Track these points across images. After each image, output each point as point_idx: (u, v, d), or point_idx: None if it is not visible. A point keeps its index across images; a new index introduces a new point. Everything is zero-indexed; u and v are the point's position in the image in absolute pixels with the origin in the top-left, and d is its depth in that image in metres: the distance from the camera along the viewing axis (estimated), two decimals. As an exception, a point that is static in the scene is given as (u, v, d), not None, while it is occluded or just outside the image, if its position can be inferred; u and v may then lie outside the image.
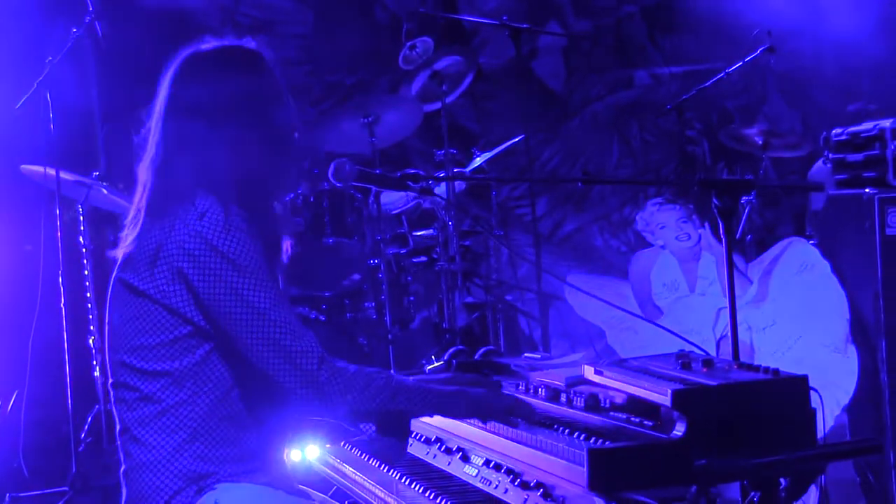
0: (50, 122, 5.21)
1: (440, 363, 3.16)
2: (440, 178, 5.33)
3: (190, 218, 2.51)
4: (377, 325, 5.99)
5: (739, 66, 5.83)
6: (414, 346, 6.30)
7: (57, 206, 5.30)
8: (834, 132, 4.46)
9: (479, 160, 6.24)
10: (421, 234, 6.25)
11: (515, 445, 2.55)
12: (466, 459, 2.74)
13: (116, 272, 2.64)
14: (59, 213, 5.32)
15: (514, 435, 2.58)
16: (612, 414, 2.50)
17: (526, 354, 3.33)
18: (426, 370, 3.15)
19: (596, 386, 2.58)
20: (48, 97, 5.21)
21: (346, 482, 3.05)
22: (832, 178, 4.48)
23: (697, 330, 4.68)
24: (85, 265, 5.61)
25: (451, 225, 5.94)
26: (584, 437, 2.42)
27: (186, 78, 2.63)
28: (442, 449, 2.86)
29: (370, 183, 3.22)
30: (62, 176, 5.21)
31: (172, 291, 2.51)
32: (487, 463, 2.61)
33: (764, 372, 2.39)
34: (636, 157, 7.76)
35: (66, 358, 5.29)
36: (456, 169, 6.09)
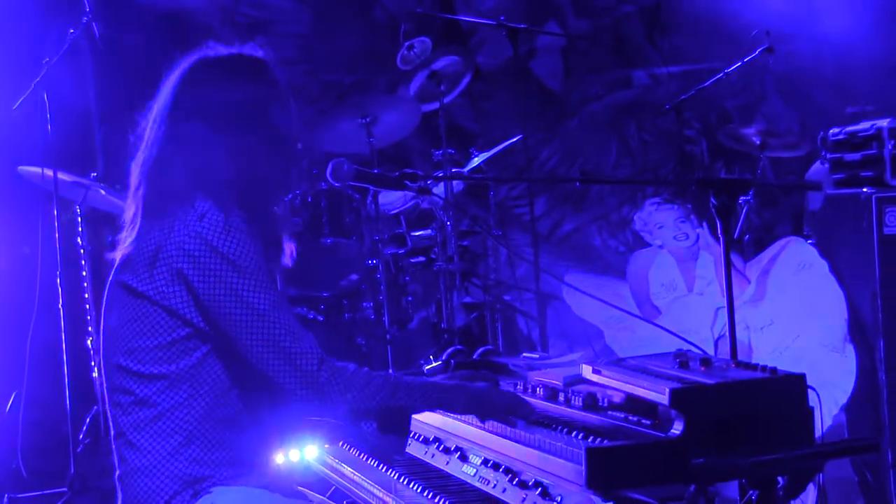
0: (47, 122, 5.20)
1: (438, 363, 3.16)
2: (438, 177, 5.33)
3: (190, 219, 2.51)
4: (375, 325, 5.99)
5: (738, 66, 5.82)
6: (412, 346, 6.29)
7: (55, 207, 5.30)
8: (831, 132, 4.46)
9: (477, 160, 6.24)
10: (419, 234, 6.25)
11: (513, 445, 2.55)
12: (465, 459, 2.74)
13: (114, 274, 2.63)
14: (56, 213, 5.31)
15: (512, 434, 2.59)
16: (610, 413, 2.50)
17: (524, 354, 3.33)
18: (424, 370, 3.15)
19: (594, 385, 2.58)
20: (45, 98, 5.20)
21: (344, 482, 3.06)
22: (830, 177, 4.48)
23: (695, 329, 4.67)
24: (83, 266, 5.60)
25: (449, 225, 5.94)
26: (582, 436, 2.43)
27: (192, 83, 2.63)
28: (440, 448, 2.86)
29: (368, 182, 3.22)
30: (60, 177, 5.21)
31: (172, 293, 2.50)
32: (486, 462, 2.62)
33: (762, 371, 2.39)
34: (634, 156, 7.76)
35: (64, 359, 5.29)
36: (454, 169, 6.09)
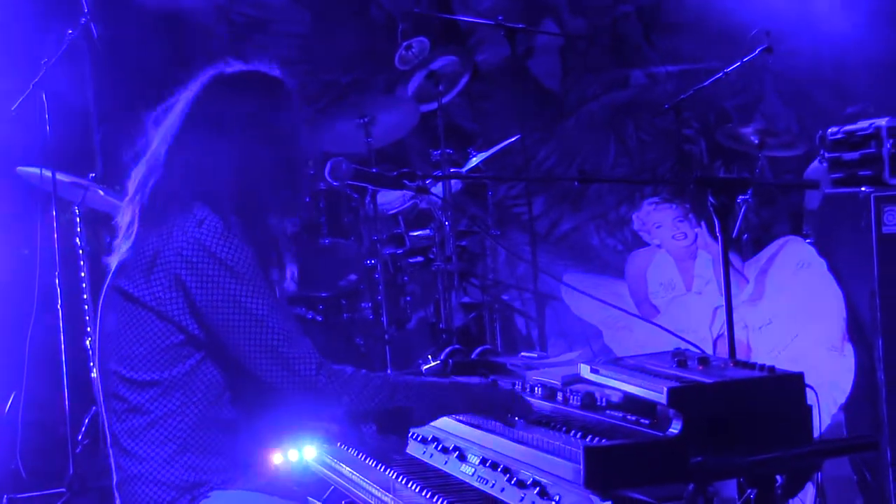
0: (46, 123, 5.20)
1: (436, 363, 3.16)
2: (436, 176, 5.33)
3: (188, 225, 2.51)
4: (374, 325, 5.99)
5: (738, 66, 5.82)
6: (411, 346, 6.29)
7: (53, 207, 5.29)
8: (830, 131, 4.46)
9: (475, 160, 6.24)
10: (417, 234, 6.25)
11: (512, 444, 2.55)
12: (463, 458, 2.74)
13: (110, 279, 2.62)
14: (55, 214, 5.31)
15: (510, 433, 2.59)
16: (608, 412, 2.50)
17: (522, 353, 3.33)
18: (422, 370, 3.15)
19: (592, 384, 2.58)
20: (44, 99, 5.20)
21: (343, 482, 3.05)
22: (828, 176, 4.48)
23: (694, 329, 4.67)
24: (81, 266, 5.60)
25: (447, 225, 5.94)
26: (580, 435, 2.43)
27: (208, 98, 2.64)
28: (439, 448, 2.86)
29: (366, 182, 3.22)
30: (58, 177, 5.21)
31: (169, 298, 2.50)
32: (484, 462, 2.61)
33: (760, 369, 2.39)
34: (632, 156, 7.76)
35: (63, 359, 5.29)
36: (452, 169, 6.09)
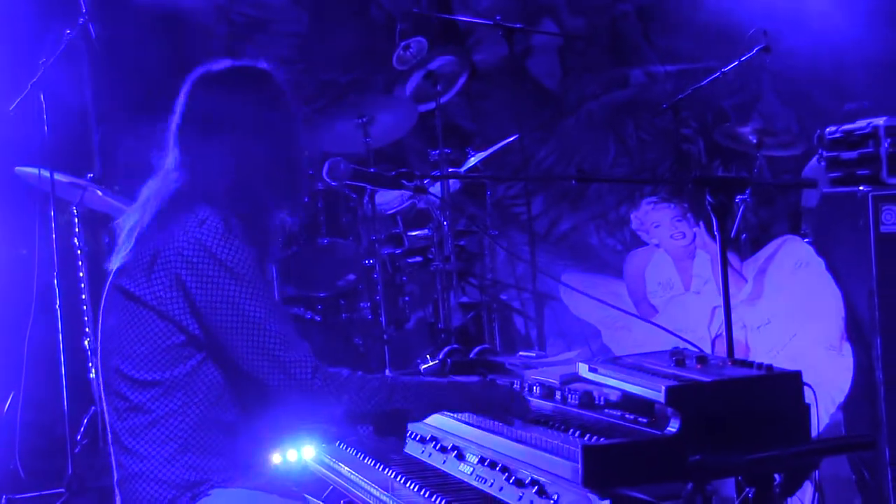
0: (44, 123, 5.20)
1: (434, 362, 3.16)
2: (434, 176, 5.33)
3: (190, 225, 2.51)
4: (372, 325, 5.99)
5: (735, 65, 5.82)
6: (409, 346, 6.29)
7: (51, 207, 5.29)
8: (828, 130, 4.47)
9: (473, 160, 6.24)
10: (416, 234, 6.25)
11: (510, 443, 2.55)
12: (461, 458, 2.74)
13: (112, 279, 2.63)
14: (53, 214, 5.31)
15: (508, 432, 2.59)
16: (606, 411, 2.51)
17: (521, 353, 3.33)
18: (420, 369, 3.15)
19: (590, 383, 2.58)
20: (42, 99, 5.21)
21: (342, 481, 3.06)
22: (826, 175, 4.49)
23: (692, 328, 4.66)
24: (80, 267, 5.60)
25: (445, 225, 5.94)
26: (578, 433, 2.43)
27: (197, 94, 2.66)
28: (437, 447, 2.86)
29: (364, 181, 3.22)
30: (56, 178, 5.21)
31: (169, 298, 2.51)
32: (482, 461, 2.61)
33: (758, 368, 2.40)
34: (632, 155, 7.75)
35: (61, 359, 5.29)
36: (451, 168, 6.09)
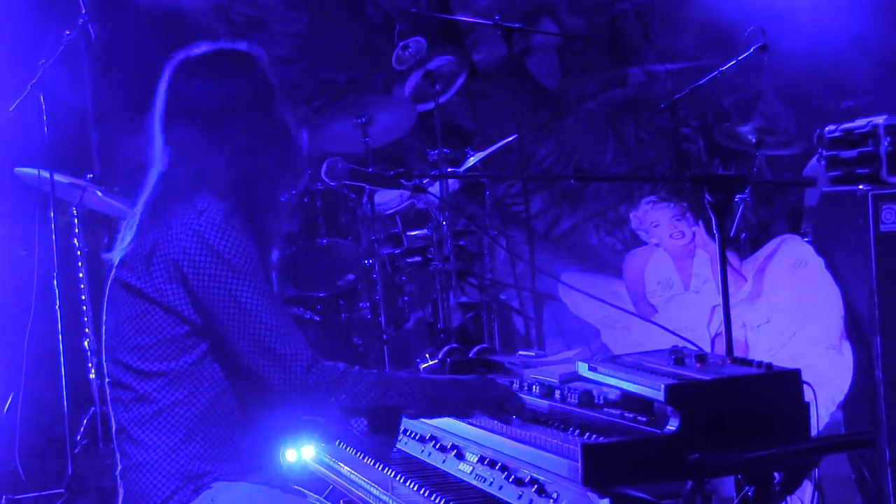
0: (44, 124, 5.20)
1: (434, 362, 3.16)
2: (433, 175, 5.33)
3: (188, 217, 2.52)
4: (372, 325, 5.99)
5: (733, 64, 5.83)
6: (409, 346, 6.28)
7: (51, 208, 5.29)
8: (827, 129, 4.47)
9: (472, 160, 6.23)
10: (415, 234, 6.24)
11: (510, 442, 2.55)
12: (461, 457, 2.74)
13: (114, 273, 2.64)
14: (53, 215, 5.31)
15: (508, 431, 2.59)
16: (605, 410, 2.51)
17: (520, 352, 3.33)
18: (420, 368, 3.15)
19: (590, 382, 2.58)
20: (42, 99, 5.20)
21: (341, 481, 3.05)
22: (826, 174, 4.49)
23: (692, 328, 4.66)
24: (80, 267, 5.60)
25: (445, 225, 5.93)
26: (578, 432, 2.43)
27: (179, 83, 2.65)
28: (436, 447, 2.86)
29: (363, 181, 3.22)
30: (56, 178, 5.21)
31: (170, 290, 2.51)
32: (482, 460, 2.62)
33: (757, 367, 2.40)
34: (631, 154, 7.75)
35: (61, 360, 5.29)
36: (450, 168, 6.09)
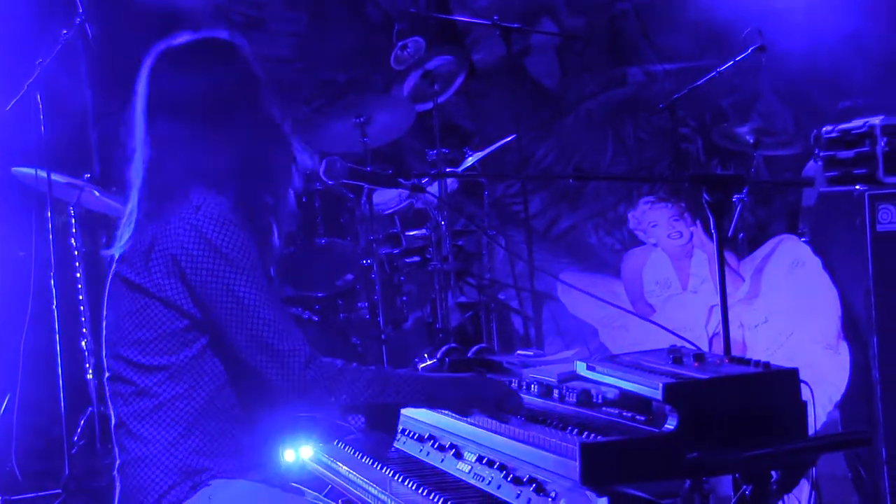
0: (41, 123, 5.20)
1: (433, 361, 3.16)
2: (432, 174, 5.32)
3: (186, 212, 2.52)
4: (370, 325, 5.99)
5: (731, 65, 5.83)
6: (407, 345, 6.29)
7: (48, 208, 5.29)
8: (825, 129, 4.47)
9: (471, 160, 6.23)
10: (414, 233, 6.24)
11: (508, 441, 2.55)
12: (459, 456, 2.74)
13: (114, 268, 2.64)
14: (50, 215, 5.30)
15: (506, 431, 2.59)
16: (604, 409, 2.51)
17: (519, 352, 3.33)
18: (418, 368, 3.15)
19: (588, 382, 2.58)
20: (39, 99, 5.20)
21: (340, 480, 3.05)
22: (823, 174, 4.49)
23: (690, 328, 4.66)
24: (77, 267, 5.60)
25: (443, 225, 5.93)
26: (576, 431, 2.44)
27: (161, 74, 2.62)
28: (435, 446, 2.86)
29: (361, 181, 3.22)
30: (53, 178, 5.21)
31: (168, 285, 2.51)
32: (480, 459, 2.62)
33: (755, 366, 2.40)
34: (630, 154, 7.76)
35: (58, 360, 5.29)
36: (448, 168, 6.08)
